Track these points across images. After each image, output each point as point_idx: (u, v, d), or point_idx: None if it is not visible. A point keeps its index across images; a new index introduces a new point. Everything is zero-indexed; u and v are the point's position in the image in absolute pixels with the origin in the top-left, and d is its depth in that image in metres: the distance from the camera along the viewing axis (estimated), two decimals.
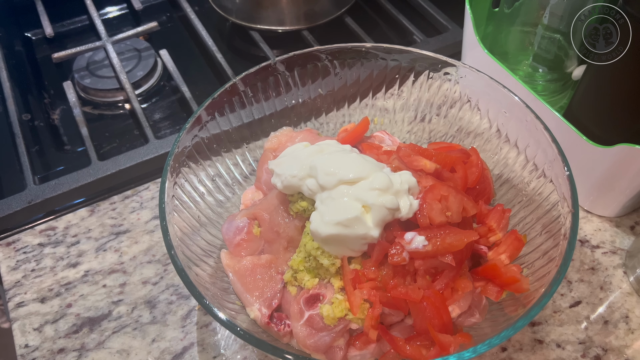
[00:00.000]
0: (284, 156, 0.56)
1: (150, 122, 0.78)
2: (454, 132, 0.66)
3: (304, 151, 0.54)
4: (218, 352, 0.56)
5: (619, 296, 0.60)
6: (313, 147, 0.55)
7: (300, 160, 0.53)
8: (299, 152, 0.54)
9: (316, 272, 0.51)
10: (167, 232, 0.48)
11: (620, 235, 0.66)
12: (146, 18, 0.99)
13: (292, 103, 0.67)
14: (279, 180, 0.53)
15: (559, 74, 0.75)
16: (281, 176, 0.53)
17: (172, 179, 0.53)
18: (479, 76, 0.60)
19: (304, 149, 0.55)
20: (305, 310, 0.50)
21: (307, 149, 0.55)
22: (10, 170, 0.75)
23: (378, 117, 0.70)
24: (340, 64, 0.65)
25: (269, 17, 0.92)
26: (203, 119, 0.58)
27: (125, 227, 0.67)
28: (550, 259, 0.49)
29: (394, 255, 0.47)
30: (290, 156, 0.55)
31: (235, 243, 0.55)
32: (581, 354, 0.56)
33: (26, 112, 0.83)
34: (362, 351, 0.50)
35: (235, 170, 0.64)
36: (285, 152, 0.57)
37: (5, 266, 0.64)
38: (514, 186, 0.60)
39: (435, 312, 0.47)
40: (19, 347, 0.57)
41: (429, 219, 0.49)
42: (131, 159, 0.73)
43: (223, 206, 0.61)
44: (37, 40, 0.98)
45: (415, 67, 0.64)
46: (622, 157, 0.58)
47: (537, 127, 0.54)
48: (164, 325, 0.58)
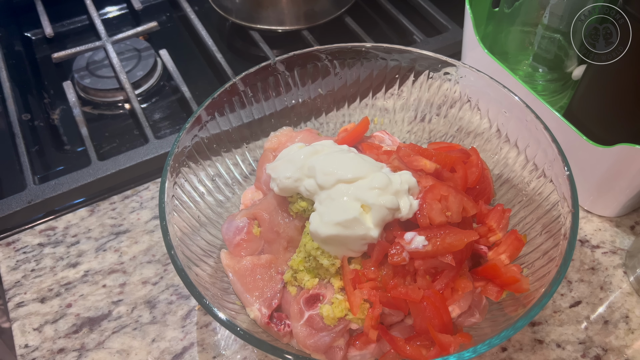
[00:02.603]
0: (279, 159, 0.56)
1: (150, 122, 0.78)
2: (454, 132, 0.66)
3: (299, 153, 0.54)
4: (218, 352, 0.56)
5: (619, 296, 0.60)
6: (308, 149, 0.55)
7: (294, 162, 0.53)
8: (293, 154, 0.54)
9: (316, 272, 0.51)
10: (167, 232, 0.48)
11: (620, 235, 0.66)
12: (146, 18, 0.99)
13: (292, 103, 0.67)
14: (275, 184, 0.54)
15: (559, 74, 0.75)
16: (276, 179, 0.53)
17: (172, 179, 0.53)
18: (479, 76, 0.60)
19: (299, 151, 0.55)
20: (305, 310, 0.50)
21: (302, 151, 0.55)
22: (10, 170, 0.75)
23: (378, 117, 0.70)
24: (340, 64, 0.65)
25: (269, 17, 0.92)
26: (203, 119, 0.58)
27: (125, 227, 0.67)
28: (550, 259, 0.49)
29: (394, 255, 0.47)
30: (285, 159, 0.55)
31: (235, 243, 0.55)
32: (581, 354, 0.56)
33: (26, 112, 0.83)
34: (362, 351, 0.50)
35: (235, 170, 0.64)
36: (280, 155, 0.57)
37: (5, 266, 0.64)
38: (514, 186, 0.60)
39: (435, 312, 0.47)
40: (19, 347, 0.57)
41: (429, 219, 0.49)
42: (131, 159, 0.73)
43: (223, 206, 0.61)
44: (37, 40, 0.98)
45: (415, 67, 0.64)
46: (622, 157, 0.58)
47: (537, 127, 0.55)
48: (164, 325, 0.58)
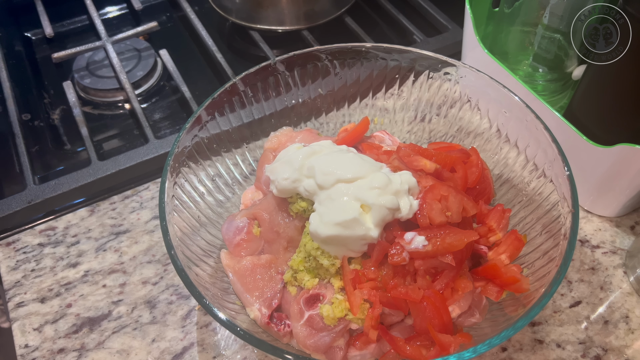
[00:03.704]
0: (277, 161, 0.56)
1: (150, 122, 0.78)
2: (454, 132, 0.66)
3: (297, 154, 0.54)
4: (218, 352, 0.56)
5: (619, 296, 0.60)
6: (305, 149, 0.55)
7: (292, 163, 0.53)
8: (291, 156, 0.54)
9: (316, 272, 0.51)
10: (167, 232, 0.48)
11: (620, 235, 0.66)
12: (146, 18, 0.99)
13: (292, 103, 0.67)
14: (274, 186, 0.54)
15: (559, 74, 0.75)
16: (275, 182, 0.53)
17: (172, 179, 0.53)
18: (479, 76, 0.60)
19: (297, 152, 0.55)
20: (305, 310, 0.50)
21: (300, 151, 0.55)
22: (10, 170, 0.75)
23: (378, 117, 0.70)
24: (340, 64, 0.65)
25: (269, 17, 0.92)
26: (203, 119, 0.58)
27: (125, 227, 0.67)
28: (550, 259, 0.49)
29: (394, 255, 0.47)
30: (282, 160, 0.55)
31: (235, 243, 0.55)
32: (581, 354, 0.56)
33: (26, 112, 0.83)
34: (362, 351, 0.50)
35: (235, 170, 0.64)
36: (279, 157, 0.57)
37: (5, 266, 0.64)
38: (514, 186, 0.60)
39: (435, 312, 0.47)
40: (19, 347, 0.57)
41: (429, 219, 0.49)
42: (131, 159, 0.73)
43: (223, 206, 0.61)
44: (37, 40, 0.98)
45: (415, 67, 0.64)
46: (622, 157, 0.58)
47: (537, 127, 0.54)
48: (164, 325, 0.58)
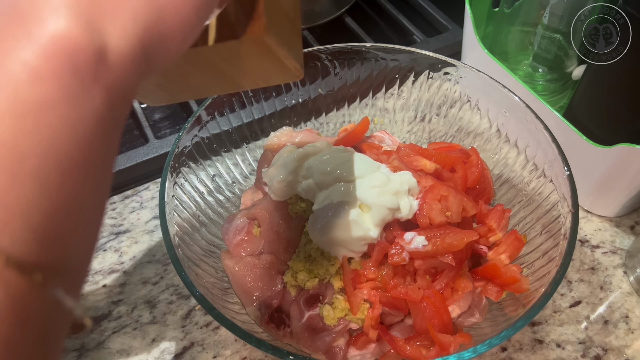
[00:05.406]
0: (272, 164, 0.56)
1: (150, 122, 0.78)
2: (454, 132, 0.66)
3: (290, 156, 0.54)
4: (218, 352, 0.56)
5: (619, 296, 0.60)
6: (299, 151, 0.55)
7: (286, 165, 0.53)
8: (285, 158, 0.55)
9: (316, 272, 0.51)
10: (167, 232, 0.48)
11: (620, 235, 0.66)
12: None
13: (292, 103, 0.67)
14: (271, 191, 0.54)
15: (559, 74, 0.75)
16: (270, 186, 0.53)
17: (172, 178, 0.53)
18: (479, 76, 0.60)
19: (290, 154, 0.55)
20: (305, 310, 0.50)
21: (292, 154, 0.55)
22: None
23: (378, 117, 0.70)
24: (340, 64, 0.65)
25: None
26: (203, 119, 0.58)
27: (125, 227, 0.67)
28: (550, 258, 0.49)
29: (394, 255, 0.47)
30: (277, 163, 0.55)
31: (235, 243, 0.55)
32: (581, 354, 0.56)
33: None
34: (362, 351, 0.50)
35: (235, 170, 0.64)
36: (273, 161, 0.57)
37: None
38: (514, 186, 0.60)
39: (435, 312, 0.47)
40: None
41: (429, 219, 0.49)
42: (131, 159, 0.73)
43: (223, 206, 0.61)
44: None
45: (415, 67, 0.64)
46: (622, 157, 0.58)
47: (537, 127, 0.55)
48: (164, 325, 0.58)
